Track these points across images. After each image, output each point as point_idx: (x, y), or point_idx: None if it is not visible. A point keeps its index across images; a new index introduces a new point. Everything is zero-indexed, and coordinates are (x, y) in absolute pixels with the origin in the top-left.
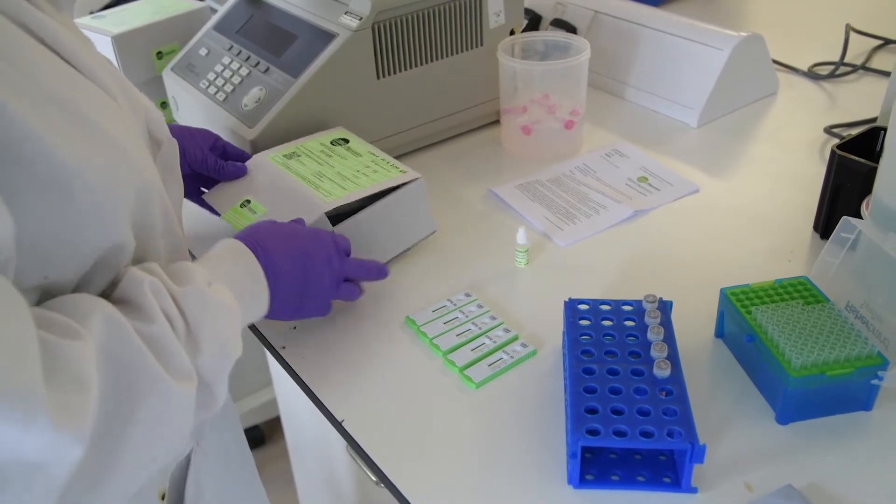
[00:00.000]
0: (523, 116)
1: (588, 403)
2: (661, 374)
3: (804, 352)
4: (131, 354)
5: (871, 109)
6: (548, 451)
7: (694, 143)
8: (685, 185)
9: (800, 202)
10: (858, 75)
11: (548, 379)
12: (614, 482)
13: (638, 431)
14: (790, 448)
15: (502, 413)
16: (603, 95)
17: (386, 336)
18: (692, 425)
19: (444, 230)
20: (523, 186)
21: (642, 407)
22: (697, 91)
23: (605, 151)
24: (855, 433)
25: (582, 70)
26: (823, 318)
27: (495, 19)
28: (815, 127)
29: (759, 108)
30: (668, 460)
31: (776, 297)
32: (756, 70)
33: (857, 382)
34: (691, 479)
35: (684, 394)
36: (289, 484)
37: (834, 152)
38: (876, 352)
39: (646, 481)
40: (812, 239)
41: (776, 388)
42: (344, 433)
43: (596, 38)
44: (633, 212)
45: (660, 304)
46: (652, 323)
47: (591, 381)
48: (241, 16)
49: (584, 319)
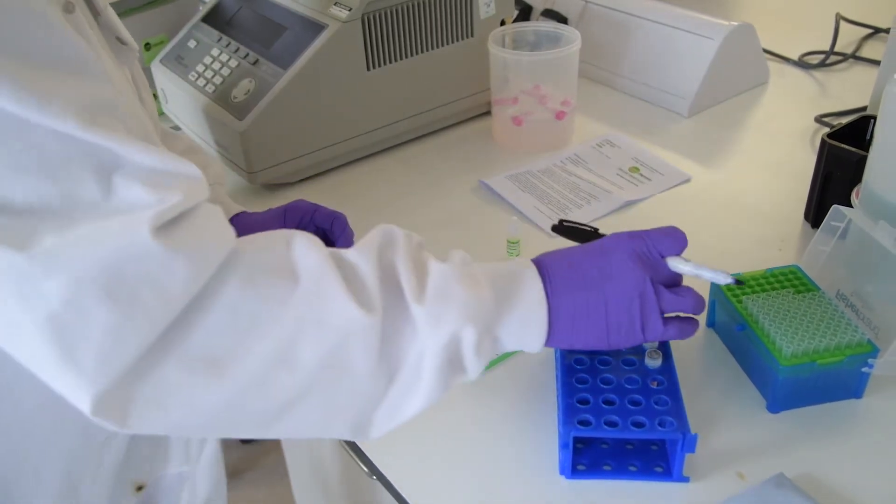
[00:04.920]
0: (514, 107)
1: (579, 394)
2: (652, 364)
3: (795, 340)
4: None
5: (862, 98)
6: (539, 441)
7: (685, 133)
8: (676, 175)
9: (790, 191)
10: (849, 64)
11: (538, 370)
12: (606, 472)
13: (629, 422)
14: (781, 437)
15: (493, 405)
16: (594, 86)
17: None
18: (683, 415)
19: (434, 222)
20: (514, 177)
21: (634, 397)
22: (688, 81)
23: (597, 142)
24: (846, 421)
25: (573, 60)
26: (814, 307)
27: (486, 10)
28: (806, 116)
29: (749, 98)
30: (660, 450)
31: (767, 286)
32: (747, 59)
33: (847, 370)
34: (683, 469)
35: (676, 384)
36: (283, 477)
37: (824, 141)
38: (866, 339)
39: (637, 471)
40: (803, 228)
41: (767, 376)
42: None
43: (587, 28)
44: (624, 202)
45: None
46: None
47: (582, 371)
48: (230, 7)
49: None
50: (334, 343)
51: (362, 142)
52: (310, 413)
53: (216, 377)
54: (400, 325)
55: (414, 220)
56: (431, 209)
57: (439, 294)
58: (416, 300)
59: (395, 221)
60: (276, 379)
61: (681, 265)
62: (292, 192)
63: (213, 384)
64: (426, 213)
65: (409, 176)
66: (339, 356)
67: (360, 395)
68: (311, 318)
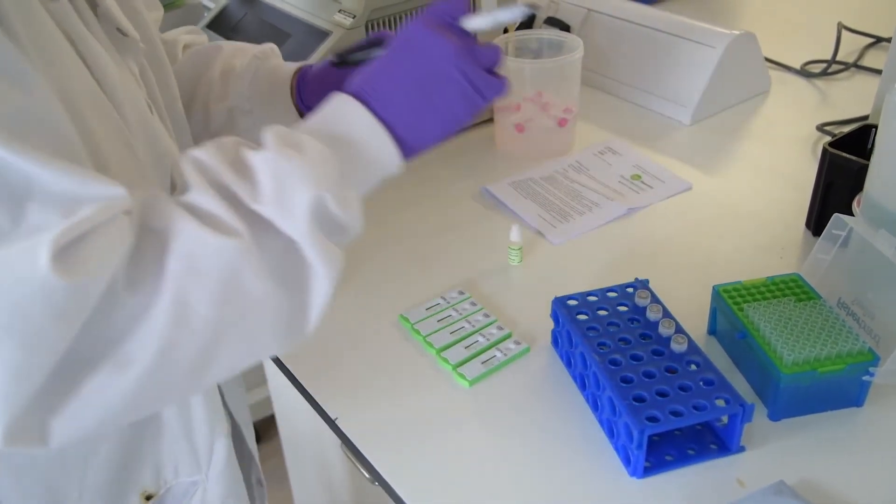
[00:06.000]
0: (516, 114)
1: (634, 392)
2: (679, 348)
3: (796, 348)
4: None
5: (863, 107)
6: (541, 447)
7: (687, 141)
8: (678, 183)
9: (792, 199)
10: (850, 73)
11: (540, 376)
12: (670, 463)
13: (691, 407)
14: (782, 444)
15: (496, 410)
16: (596, 93)
17: (379, 334)
18: (733, 389)
19: (437, 227)
20: (517, 184)
21: (682, 383)
22: (690, 89)
23: (599, 149)
24: (846, 429)
25: (575, 68)
26: (815, 315)
27: None
28: (808, 124)
29: (751, 106)
30: (705, 427)
31: (768, 294)
32: (749, 68)
33: (848, 379)
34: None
35: (709, 361)
36: (283, 481)
37: (826, 150)
38: (867, 348)
39: (696, 454)
40: (804, 236)
41: (768, 384)
42: (338, 431)
43: (589, 35)
44: (626, 209)
45: (642, 285)
46: (646, 304)
47: (621, 371)
48: (235, 13)
49: (582, 314)
50: (221, 284)
51: None
52: (231, 353)
53: (121, 373)
54: (262, 232)
55: (417, 226)
56: (434, 215)
57: (275, 183)
58: (257, 201)
59: (398, 227)
60: (181, 344)
61: (475, 21)
62: None
63: (121, 379)
64: (429, 219)
65: (411, 182)
66: (231, 293)
67: (270, 312)
68: (191, 275)
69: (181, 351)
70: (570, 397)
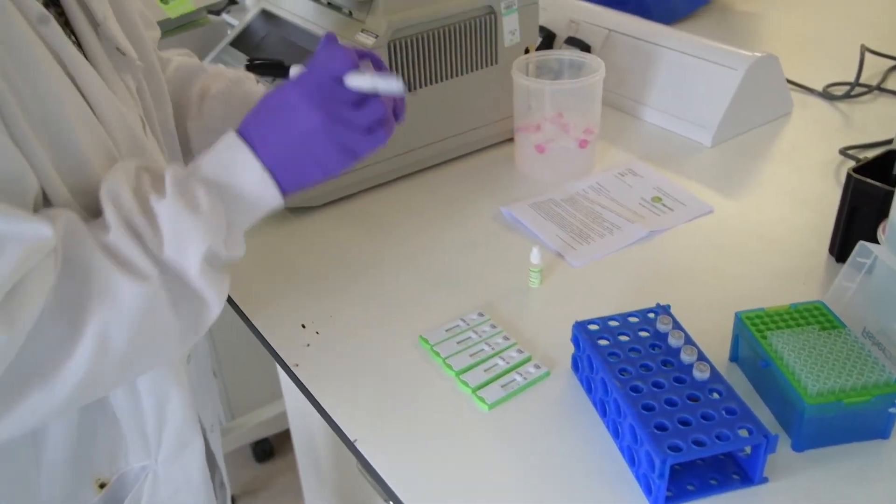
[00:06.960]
0: (537, 135)
1: (656, 420)
2: (701, 376)
3: (821, 378)
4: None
5: (887, 131)
6: (560, 474)
7: (708, 163)
8: (699, 206)
9: (814, 224)
10: (873, 96)
11: (560, 401)
12: (692, 493)
13: (714, 436)
14: (805, 475)
15: (516, 435)
16: (617, 114)
17: (399, 355)
18: (757, 419)
19: (457, 248)
20: (537, 205)
21: (704, 412)
22: (712, 111)
23: (619, 171)
24: (872, 461)
25: (596, 89)
26: (840, 345)
27: (510, 38)
28: (830, 148)
29: (773, 129)
30: (726, 457)
31: (791, 321)
32: (770, 90)
33: (874, 410)
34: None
35: (733, 390)
36: (297, 497)
37: (850, 175)
38: (894, 379)
39: (718, 484)
40: (827, 261)
41: (792, 414)
42: (356, 453)
43: (610, 56)
44: (647, 232)
45: (663, 310)
46: (668, 330)
47: (642, 398)
48: (258, 32)
49: (603, 339)
50: (136, 319)
51: (386, 167)
52: (145, 365)
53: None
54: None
55: (435, 246)
56: (453, 235)
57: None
58: (161, 251)
59: (417, 246)
60: (103, 370)
61: (356, 81)
62: (316, 215)
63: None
64: (448, 238)
65: (431, 201)
66: (144, 325)
67: (174, 334)
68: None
69: (103, 375)
70: (590, 423)
